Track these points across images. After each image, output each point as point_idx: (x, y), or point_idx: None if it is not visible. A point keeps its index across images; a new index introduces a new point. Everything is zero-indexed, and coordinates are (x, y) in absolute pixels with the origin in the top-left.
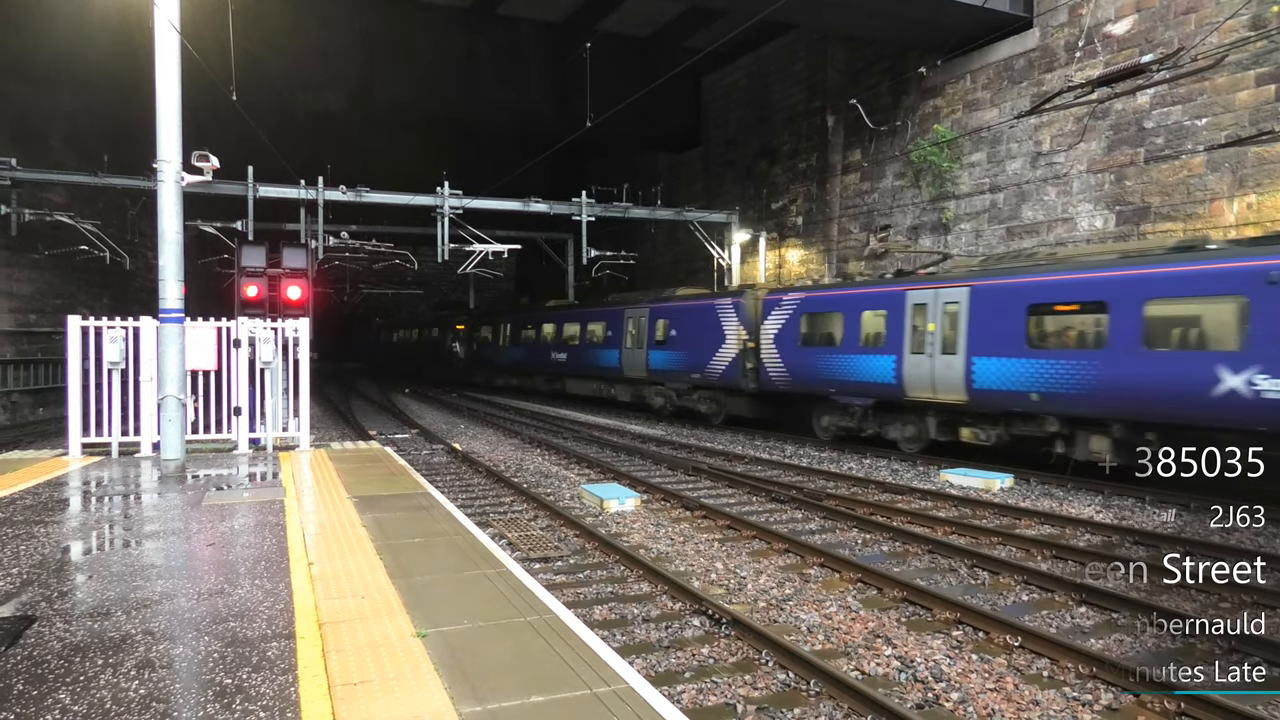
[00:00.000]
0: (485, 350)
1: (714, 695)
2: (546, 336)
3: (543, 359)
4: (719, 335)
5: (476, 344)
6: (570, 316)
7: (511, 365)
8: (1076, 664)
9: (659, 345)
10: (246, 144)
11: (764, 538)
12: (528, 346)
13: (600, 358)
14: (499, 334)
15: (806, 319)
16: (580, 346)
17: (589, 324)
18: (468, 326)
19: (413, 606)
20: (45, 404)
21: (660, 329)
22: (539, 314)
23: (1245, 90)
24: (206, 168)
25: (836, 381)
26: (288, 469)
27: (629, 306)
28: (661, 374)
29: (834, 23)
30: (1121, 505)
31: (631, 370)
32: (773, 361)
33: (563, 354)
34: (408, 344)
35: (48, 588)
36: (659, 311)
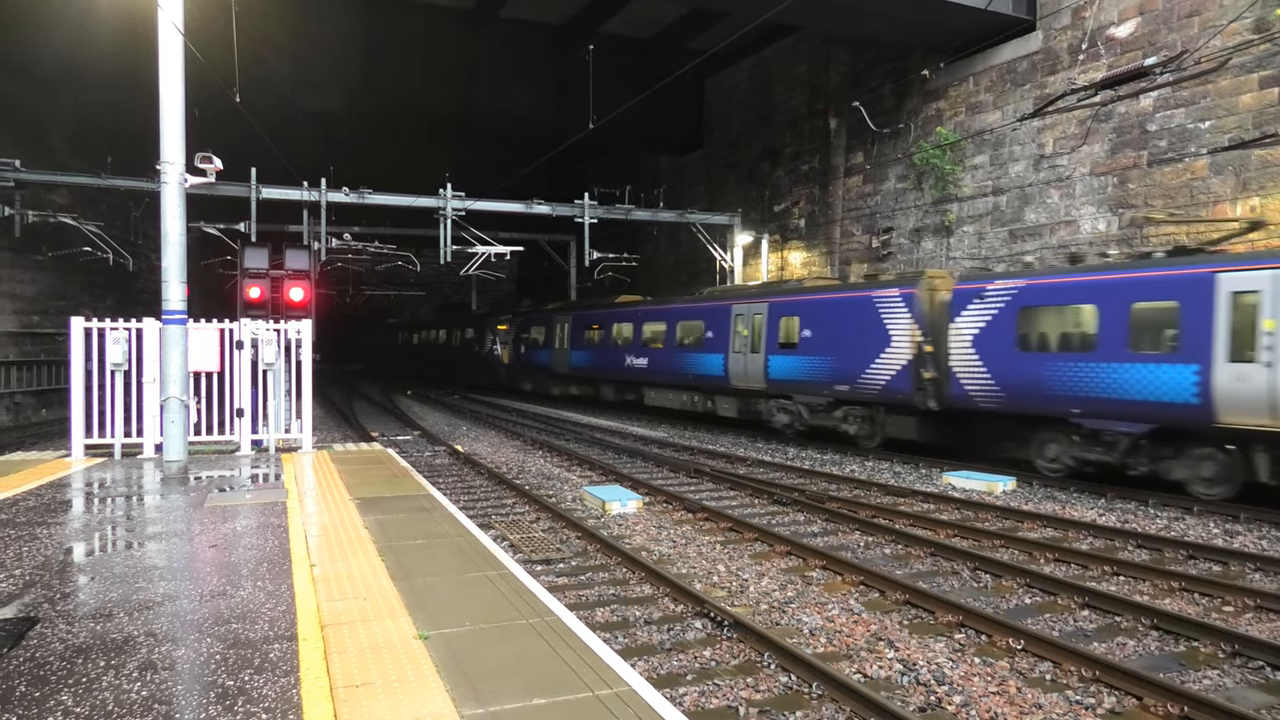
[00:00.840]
0: (535, 354)
1: (716, 698)
2: (619, 338)
3: (613, 365)
4: (879, 336)
5: (525, 346)
6: (654, 314)
7: (571, 372)
8: (1079, 667)
9: (785, 349)
10: (249, 145)
11: (766, 540)
12: (594, 350)
13: (696, 364)
14: (554, 335)
15: (1029, 315)
16: (667, 350)
17: (680, 323)
18: (514, 327)
19: (415, 608)
20: (48, 405)
21: (786, 329)
22: (611, 311)
23: (1248, 93)
24: (209, 169)
25: (1085, 399)
26: (290, 470)
27: (739, 301)
28: (787, 385)
29: (836, 25)
30: (1124, 508)
31: (742, 379)
32: (971, 371)
33: (641, 359)
34: (433, 346)
35: (50, 589)
36: (784, 307)
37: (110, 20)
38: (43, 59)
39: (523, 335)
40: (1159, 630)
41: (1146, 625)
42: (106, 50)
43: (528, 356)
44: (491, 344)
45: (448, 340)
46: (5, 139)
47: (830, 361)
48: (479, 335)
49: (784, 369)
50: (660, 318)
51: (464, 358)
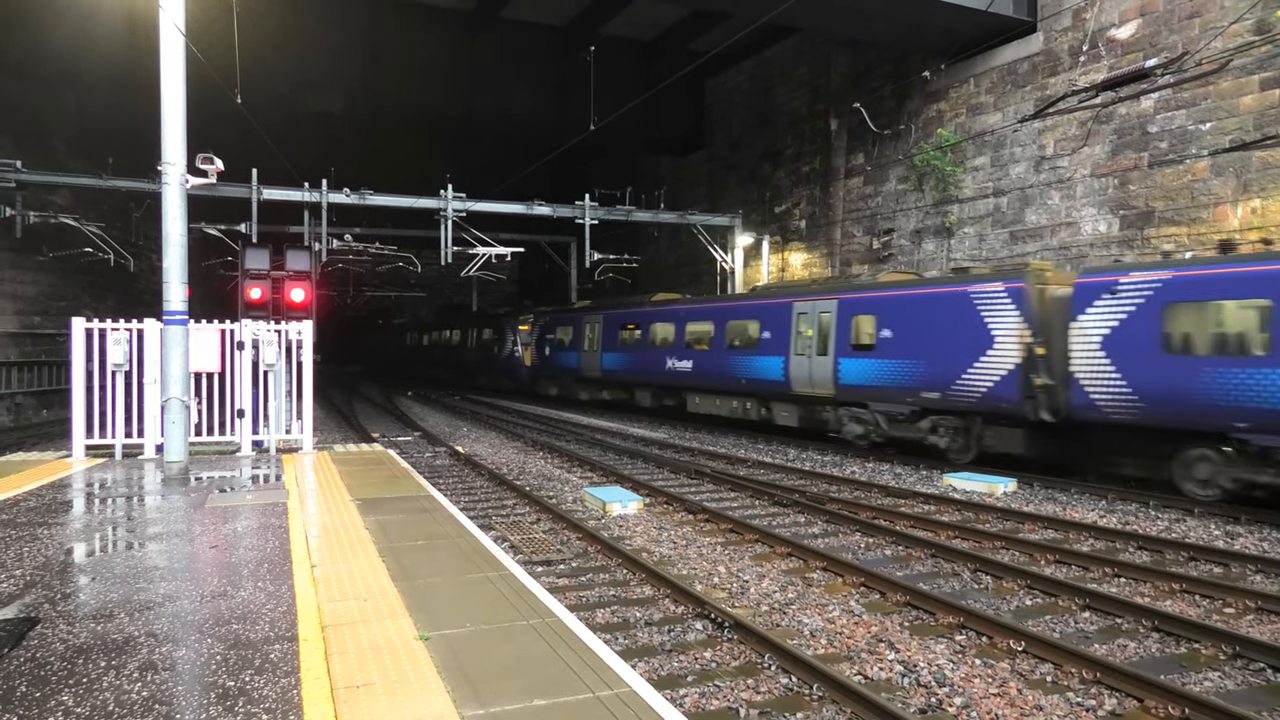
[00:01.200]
0: (561, 356)
1: (716, 699)
2: (659, 339)
3: (652, 368)
4: (979, 336)
5: (549, 348)
6: (699, 313)
7: (603, 376)
8: (1081, 669)
9: (859, 351)
10: (250, 146)
11: (767, 542)
12: (630, 352)
13: (750, 367)
14: (584, 336)
15: (1177, 312)
16: (715, 352)
17: (731, 322)
18: (537, 327)
19: (415, 609)
20: (49, 406)
21: (860, 328)
22: (649, 310)
23: (1249, 95)
24: (211, 170)
25: (1255, 411)
26: (290, 471)
27: (801, 298)
28: (862, 391)
29: (837, 26)
30: (1125, 510)
31: (806, 384)
32: (1099, 377)
33: (684, 362)
34: (446, 348)
35: (51, 589)
36: (858, 305)
37: (112, 21)
38: (44, 60)
39: (547, 336)
40: (1160, 632)
41: (1147, 627)
42: (108, 51)
43: (553, 359)
44: (512, 345)
45: (462, 341)
46: (7, 140)
47: (916, 365)
48: (498, 336)
49: (858, 373)
50: (707, 317)
51: (481, 360)
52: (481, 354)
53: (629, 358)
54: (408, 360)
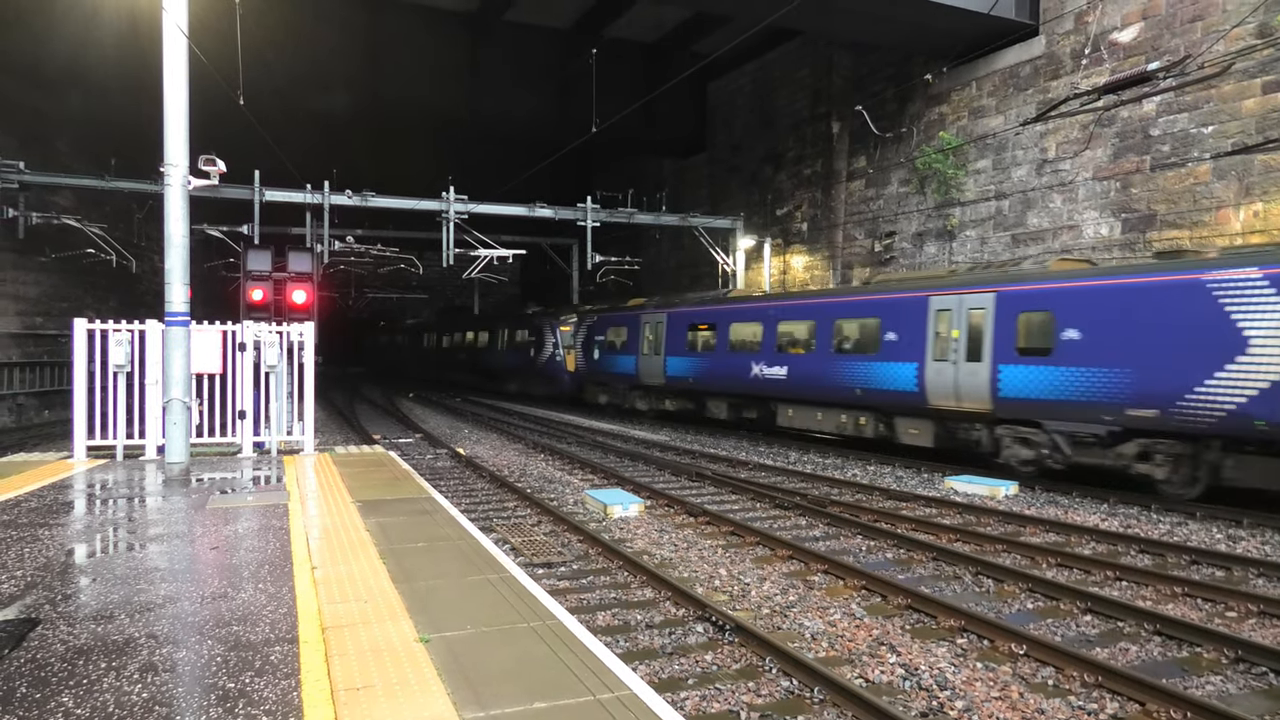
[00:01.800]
0: (614, 361)
1: (717, 702)
2: (741, 341)
3: (731, 375)
4: (1223, 338)
5: (599, 351)
6: (798, 310)
7: (668, 384)
8: (1082, 672)
9: (1028, 356)
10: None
11: (768, 544)
12: (702, 356)
13: (868, 375)
14: (642, 337)
15: None
16: (818, 357)
17: (840, 321)
18: (583, 327)
19: (416, 611)
20: (51, 406)
21: (1029, 328)
22: (729, 308)
23: (1252, 98)
24: (213, 171)
25: None
26: (292, 473)
27: (940, 291)
28: (1032, 406)
29: (838, 29)
30: (1127, 513)
31: (948, 396)
32: None
33: (777, 368)
34: (471, 350)
35: (52, 590)
36: (1026, 299)
37: (114, 23)
38: (47, 61)
39: (596, 338)
40: (1161, 636)
41: (1149, 631)
42: (110, 53)
43: (603, 363)
44: (552, 349)
45: (491, 343)
46: (10, 141)
47: (1119, 375)
48: (535, 338)
49: (1027, 384)
50: (807, 315)
51: (514, 364)
52: (515, 357)
53: (700, 363)
54: (424, 363)
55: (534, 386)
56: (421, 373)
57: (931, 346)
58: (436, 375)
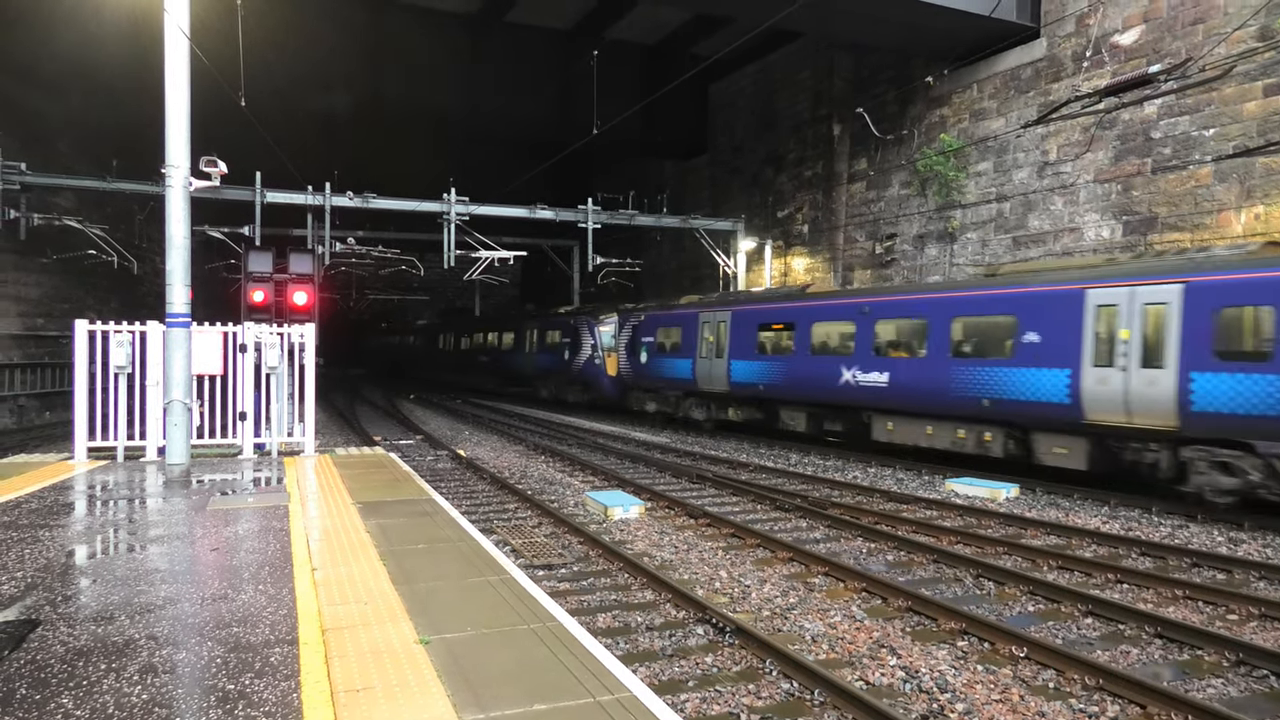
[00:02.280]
0: (664, 364)
1: (717, 704)
2: (826, 343)
3: (815, 381)
4: None
5: (647, 354)
6: (903, 307)
7: (733, 390)
8: (1083, 675)
9: (1233, 361)
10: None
11: (768, 546)
12: (776, 359)
13: (999, 383)
14: (699, 338)
15: None
16: (931, 361)
17: (963, 320)
18: (627, 327)
19: (416, 613)
20: (52, 408)
21: (1235, 327)
22: (808, 306)
23: (1253, 101)
24: (214, 173)
25: None
26: (292, 474)
27: (1098, 283)
28: (1240, 424)
29: (840, 30)
30: (1128, 516)
31: (1115, 410)
32: None
33: (876, 373)
34: (491, 351)
35: (52, 592)
36: (1236, 290)
37: (116, 24)
38: (49, 62)
39: (644, 339)
40: (1163, 639)
41: (1150, 633)
42: (112, 54)
43: (651, 367)
44: (591, 350)
45: (518, 345)
46: (11, 142)
47: None
48: (571, 339)
49: (1232, 396)
50: (917, 312)
51: (546, 368)
52: (547, 360)
53: (774, 367)
54: (439, 366)
55: (569, 393)
56: (437, 376)
57: (1090, 350)
58: (453, 379)
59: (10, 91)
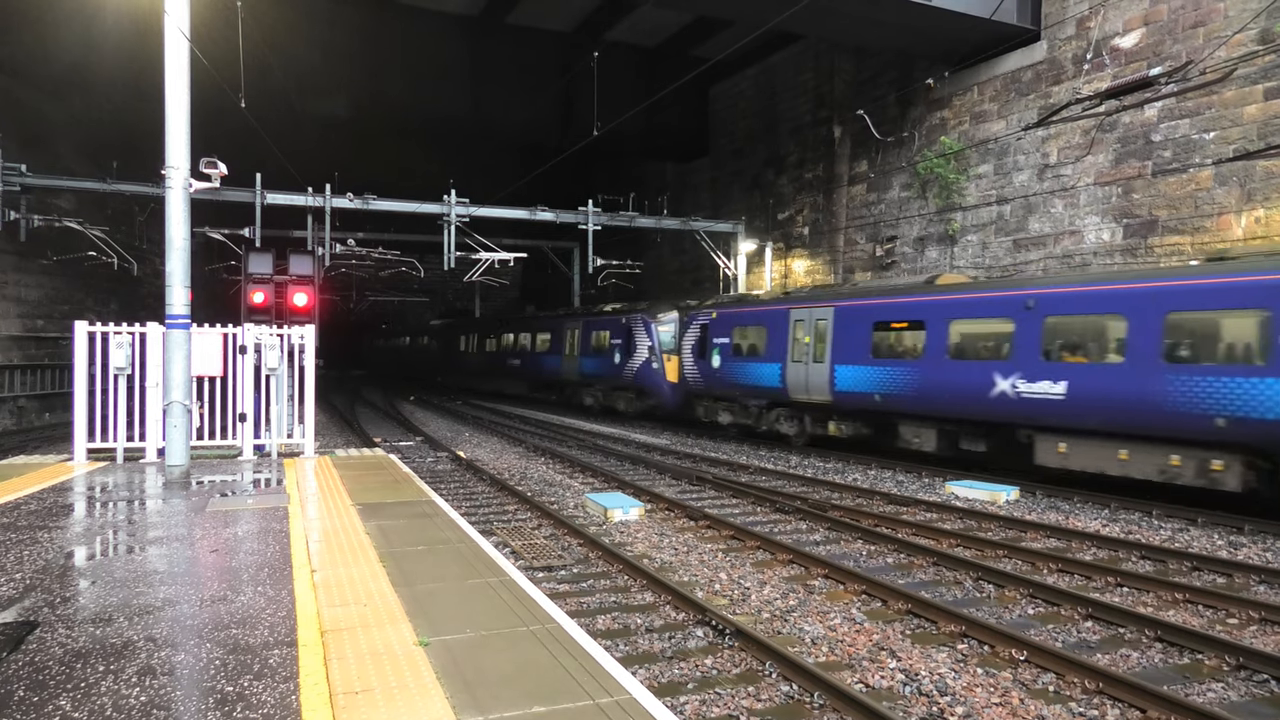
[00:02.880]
0: (741, 369)
1: (717, 707)
2: (974, 345)
3: (956, 390)
4: None
5: (720, 357)
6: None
7: (837, 401)
8: (1083, 679)
9: None
10: (254, 151)
11: (768, 548)
12: (896, 365)
13: (1242, 396)
14: (789, 339)
15: None
16: (1131, 368)
17: (1178, 315)
18: (694, 326)
19: (415, 615)
20: (52, 409)
21: None
22: (940, 300)
23: (1253, 104)
24: (214, 174)
25: None
26: (292, 475)
27: None
28: None
29: (841, 33)
30: (1128, 519)
31: None
32: None
33: (1047, 382)
34: (522, 355)
35: (50, 593)
36: None
37: (116, 25)
38: (49, 64)
39: (715, 340)
40: (1163, 642)
41: (1150, 637)
42: (113, 55)
43: (727, 373)
44: (648, 354)
45: (556, 347)
46: (11, 143)
47: None
48: (623, 340)
49: None
50: (1111, 306)
51: (591, 373)
52: (593, 364)
53: (895, 374)
54: (458, 369)
55: (618, 400)
56: (459, 382)
57: None
58: (477, 385)
59: (11, 93)
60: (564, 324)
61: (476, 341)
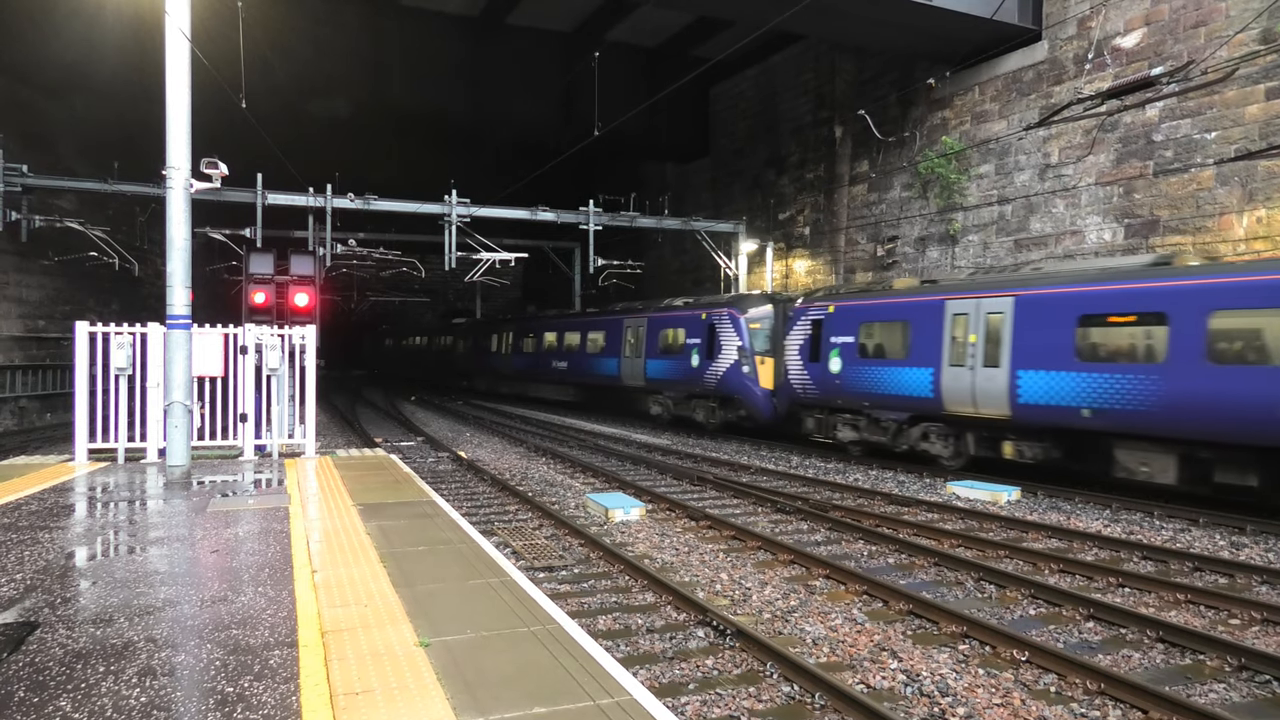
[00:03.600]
0: (872, 375)
1: (718, 708)
2: (1241, 346)
3: (1211, 405)
4: None
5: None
6: None
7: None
8: (1085, 680)
9: None
10: (255, 151)
11: (769, 549)
12: (1123, 373)
13: None
14: (947, 335)
15: None
16: None
17: None
18: (804, 322)
19: (416, 615)
20: (53, 409)
21: None
22: (1218, 283)
23: (1255, 104)
24: (215, 174)
25: None
26: (293, 476)
27: None
28: None
29: (842, 33)
30: (1130, 519)
31: None
32: None
33: None
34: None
35: (51, 594)
36: None
37: (118, 26)
38: (50, 64)
39: (835, 339)
40: (1165, 643)
41: (1152, 638)
42: (114, 56)
43: (852, 379)
44: (738, 354)
45: (613, 347)
46: (13, 144)
47: None
48: (704, 339)
49: None
50: None
51: (658, 376)
52: (663, 367)
53: (1118, 384)
54: (485, 372)
55: (696, 410)
56: (491, 387)
57: None
58: (514, 391)
59: (12, 93)
60: (623, 321)
61: (511, 341)
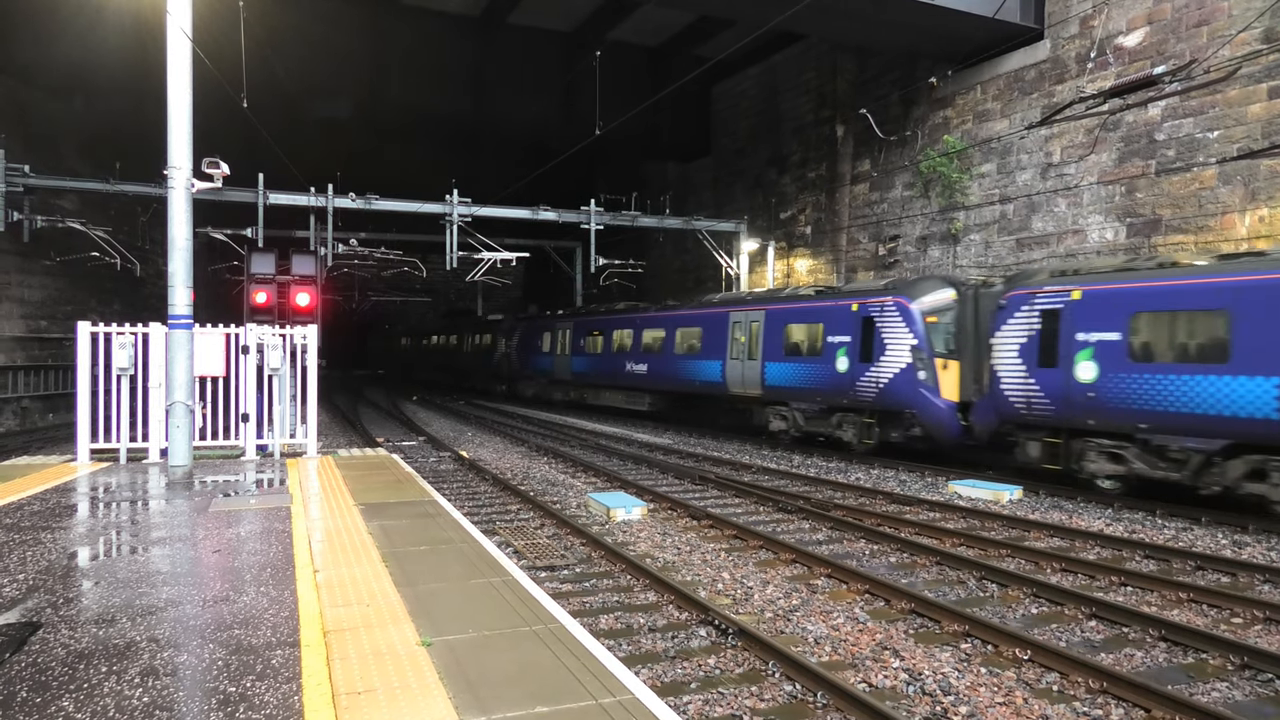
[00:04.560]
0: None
1: (720, 706)
2: None
3: None
4: None
5: (1101, 364)
6: None
7: None
8: (1087, 678)
9: None
10: (256, 151)
11: (771, 548)
12: None
13: None
14: None
15: None
16: None
17: None
18: (1022, 313)
19: (418, 615)
20: (55, 410)
21: None
22: None
23: (1258, 103)
24: (217, 174)
25: None
26: (295, 476)
27: None
28: None
29: (843, 32)
30: (1132, 518)
31: None
32: None
33: None
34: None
35: (53, 594)
36: None
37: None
38: (52, 65)
39: (1083, 336)
40: (1167, 641)
41: (1154, 636)
42: (115, 56)
43: (1108, 390)
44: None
45: (710, 344)
46: (15, 144)
47: None
48: (856, 336)
49: None
50: None
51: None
52: (789, 372)
53: None
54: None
55: (845, 429)
56: (542, 393)
57: None
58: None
59: (14, 94)
60: (729, 316)
61: (568, 339)
